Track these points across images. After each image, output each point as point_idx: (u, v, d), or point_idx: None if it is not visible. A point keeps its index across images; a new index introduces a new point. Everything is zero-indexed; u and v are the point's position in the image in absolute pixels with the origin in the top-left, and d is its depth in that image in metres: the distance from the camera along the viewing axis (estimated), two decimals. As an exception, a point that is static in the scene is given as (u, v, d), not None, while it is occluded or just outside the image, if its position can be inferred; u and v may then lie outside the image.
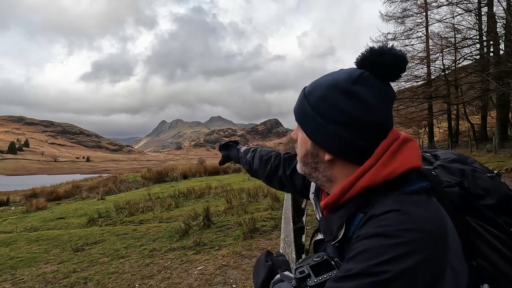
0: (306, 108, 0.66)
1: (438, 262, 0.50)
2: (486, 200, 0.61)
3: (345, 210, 0.61)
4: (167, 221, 6.01)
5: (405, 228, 0.50)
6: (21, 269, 3.98)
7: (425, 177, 0.59)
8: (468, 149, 17.42)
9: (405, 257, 0.48)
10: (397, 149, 0.60)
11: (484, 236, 0.58)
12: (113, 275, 3.45)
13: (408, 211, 0.52)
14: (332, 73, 0.67)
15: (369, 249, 0.51)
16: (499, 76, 15.53)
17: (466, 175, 0.64)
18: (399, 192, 0.56)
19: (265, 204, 6.31)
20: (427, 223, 0.51)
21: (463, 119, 23.65)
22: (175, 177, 13.98)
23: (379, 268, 0.48)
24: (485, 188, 0.62)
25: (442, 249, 0.51)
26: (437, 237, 0.51)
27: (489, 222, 0.59)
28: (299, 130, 0.70)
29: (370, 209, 0.56)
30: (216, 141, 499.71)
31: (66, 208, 9.34)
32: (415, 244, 0.49)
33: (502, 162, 11.18)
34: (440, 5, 20.93)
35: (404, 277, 0.47)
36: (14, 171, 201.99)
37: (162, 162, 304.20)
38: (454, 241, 0.53)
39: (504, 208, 0.62)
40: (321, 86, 0.65)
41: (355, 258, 0.51)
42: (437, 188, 0.58)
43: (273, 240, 4.14)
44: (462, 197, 0.61)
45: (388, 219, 0.52)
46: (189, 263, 3.63)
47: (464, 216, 0.59)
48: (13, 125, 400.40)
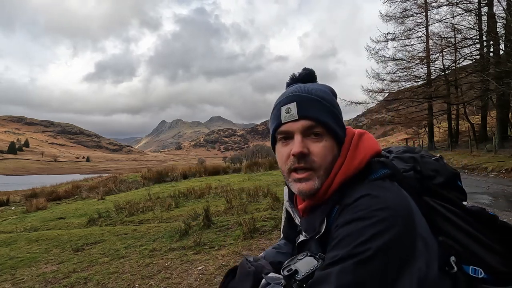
0: (327, 110, 0.69)
1: (409, 235, 0.56)
2: (436, 179, 0.69)
3: (325, 206, 0.67)
4: (167, 221, 6.01)
5: (377, 209, 0.56)
6: (21, 269, 3.98)
7: (386, 165, 0.67)
8: (468, 149, 17.40)
9: (382, 233, 0.54)
10: (358, 142, 0.69)
11: (442, 213, 0.65)
12: (113, 275, 3.45)
13: (377, 194, 0.59)
14: (313, 83, 0.76)
15: (348, 234, 0.56)
16: (499, 76, 15.52)
17: (417, 161, 0.72)
18: (367, 181, 0.64)
19: (265, 204, 6.31)
20: (395, 203, 0.58)
21: (463, 119, 23.64)
22: (175, 177, 13.98)
23: (360, 248, 0.54)
24: (434, 169, 0.70)
25: (411, 224, 0.57)
26: (405, 213, 0.57)
27: (443, 199, 0.67)
28: (313, 140, 0.67)
29: (343, 200, 0.63)
30: (216, 141, 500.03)
31: (66, 208, 9.34)
32: (388, 221, 0.55)
33: (502, 162, 11.17)
34: (440, 5, 20.97)
35: (383, 252, 0.53)
36: (14, 171, 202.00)
37: (162, 162, 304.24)
38: (419, 217, 0.60)
39: (452, 185, 0.70)
40: (322, 90, 0.73)
41: (337, 245, 0.57)
42: (397, 174, 0.66)
43: (273, 240, 4.13)
44: (417, 180, 0.69)
45: (361, 204, 0.58)
46: (189, 263, 3.63)
47: (422, 196, 0.66)
48: (13, 125, 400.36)
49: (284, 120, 0.69)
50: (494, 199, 6.30)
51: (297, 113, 0.67)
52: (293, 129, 0.68)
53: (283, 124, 0.69)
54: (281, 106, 0.70)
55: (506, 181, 9.02)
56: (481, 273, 0.61)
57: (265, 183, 9.03)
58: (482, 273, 0.61)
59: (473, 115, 25.14)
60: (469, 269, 0.61)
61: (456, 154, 16.51)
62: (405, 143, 29.78)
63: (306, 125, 0.67)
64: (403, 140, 36.67)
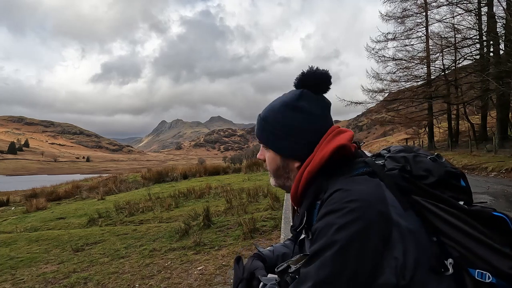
0: (267, 129, 0.79)
1: (382, 223, 0.58)
2: (428, 179, 0.69)
3: (305, 200, 0.72)
4: (167, 221, 6.01)
5: (348, 200, 0.59)
6: (21, 269, 3.98)
7: (368, 165, 0.70)
8: (468, 149, 17.39)
9: (352, 222, 0.57)
10: (331, 138, 0.73)
11: (436, 213, 0.64)
12: (113, 275, 3.45)
13: (349, 188, 0.62)
14: (279, 97, 0.82)
15: (323, 227, 0.59)
16: (499, 76, 15.50)
17: (408, 161, 0.73)
18: (346, 177, 0.67)
19: (265, 204, 6.31)
20: (366, 194, 0.60)
21: (463, 119, 23.61)
22: (175, 177, 13.97)
23: (333, 238, 0.57)
24: (427, 169, 0.70)
25: (383, 214, 0.59)
26: (377, 204, 0.59)
27: (436, 199, 0.66)
28: (265, 150, 0.83)
29: (322, 196, 0.67)
30: (216, 141, 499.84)
31: (66, 208, 9.34)
32: (359, 211, 0.57)
33: (502, 162, 11.16)
34: (440, 5, 20.89)
35: (356, 240, 0.56)
36: (14, 171, 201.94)
37: (162, 162, 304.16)
38: (397, 210, 0.61)
39: (447, 184, 0.70)
40: (273, 109, 0.79)
41: (316, 240, 0.60)
42: (378, 172, 0.68)
43: (273, 240, 4.13)
44: (405, 179, 0.68)
45: (334, 198, 0.62)
46: (189, 263, 3.63)
47: (410, 195, 0.66)
48: (13, 125, 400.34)
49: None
50: (494, 199, 6.30)
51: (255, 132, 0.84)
52: None
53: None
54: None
55: (506, 181, 9.02)
56: (489, 277, 0.58)
57: (265, 183, 9.03)
58: (490, 278, 0.58)
59: (473, 115, 25.11)
60: (475, 273, 0.59)
61: (456, 154, 16.49)
62: (405, 143, 29.78)
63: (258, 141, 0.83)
64: (403, 140, 36.65)
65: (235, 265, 0.89)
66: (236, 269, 0.87)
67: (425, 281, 0.58)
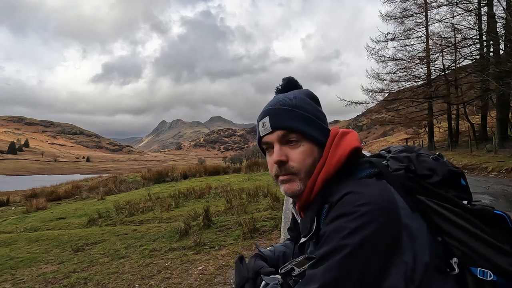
0: (303, 117, 0.73)
1: (392, 227, 0.57)
2: (432, 178, 0.69)
3: (315, 205, 0.69)
4: (167, 221, 6.00)
5: (359, 204, 0.58)
6: (21, 269, 3.97)
7: (374, 165, 0.69)
8: (468, 149, 17.39)
9: (364, 226, 0.56)
10: (339, 141, 0.71)
11: (440, 212, 0.64)
12: (113, 275, 3.45)
13: (360, 191, 0.61)
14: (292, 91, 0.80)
15: (333, 230, 0.58)
16: (499, 76, 15.50)
17: (411, 160, 0.72)
18: (353, 179, 0.66)
19: (265, 204, 6.30)
20: (377, 197, 0.59)
21: (463, 119, 23.61)
22: (175, 177, 13.97)
23: (343, 242, 0.56)
24: (430, 169, 0.70)
25: (394, 217, 0.58)
26: (388, 207, 0.59)
27: (440, 198, 0.66)
28: (289, 147, 0.73)
29: (330, 198, 0.65)
30: (216, 141, 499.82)
31: (66, 208, 9.33)
32: (370, 215, 0.57)
33: (502, 162, 11.16)
34: (440, 5, 20.89)
35: (366, 244, 0.55)
36: (14, 171, 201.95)
37: (162, 162, 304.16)
38: (407, 212, 0.61)
39: (450, 183, 0.70)
40: (298, 98, 0.75)
41: (324, 243, 0.59)
42: (385, 173, 0.68)
43: (273, 240, 4.13)
44: (410, 179, 0.68)
45: (344, 202, 0.60)
46: (189, 263, 3.63)
47: (415, 195, 0.66)
48: (13, 125, 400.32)
49: (262, 133, 0.76)
50: (494, 199, 6.30)
51: (270, 125, 0.73)
52: (271, 140, 0.74)
53: (262, 137, 0.76)
54: (258, 122, 0.78)
55: (506, 181, 9.02)
56: (491, 275, 0.59)
57: (265, 183, 9.03)
58: (491, 276, 0.59)
59: (473, 115, 25.11)
60: (477, 271, 0.60)
61: (456, 154, 16.49)
62: (405, 143, 29.78)
63: (280, 135, 0.72)
64: (403, 140, 36.65)
65: (238, 264, 0.87)
66: (240, 268, 0.85)
67: (432, 282, 0.58)
